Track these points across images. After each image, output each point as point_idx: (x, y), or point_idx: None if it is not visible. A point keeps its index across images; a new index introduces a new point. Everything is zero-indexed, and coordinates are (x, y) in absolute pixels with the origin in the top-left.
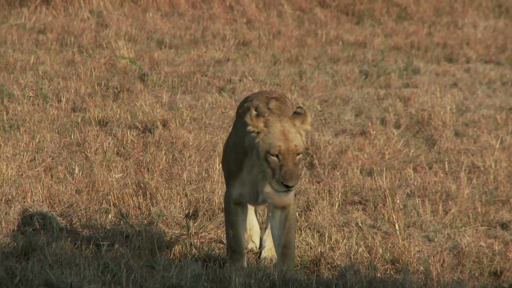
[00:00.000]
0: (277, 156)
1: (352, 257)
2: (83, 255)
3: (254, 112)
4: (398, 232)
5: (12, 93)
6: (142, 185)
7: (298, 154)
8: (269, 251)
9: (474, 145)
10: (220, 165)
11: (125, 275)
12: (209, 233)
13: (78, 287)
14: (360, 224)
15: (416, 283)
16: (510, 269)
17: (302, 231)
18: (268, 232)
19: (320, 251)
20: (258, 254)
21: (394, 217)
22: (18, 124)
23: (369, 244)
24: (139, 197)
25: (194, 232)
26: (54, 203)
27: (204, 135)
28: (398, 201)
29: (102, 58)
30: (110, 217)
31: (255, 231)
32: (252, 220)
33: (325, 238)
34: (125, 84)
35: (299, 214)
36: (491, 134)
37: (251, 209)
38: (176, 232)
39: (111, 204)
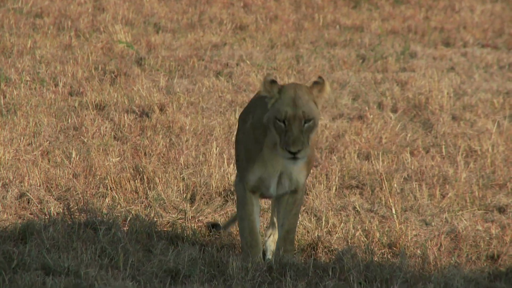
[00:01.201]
0: (283, 122)
1: (349, 241)
2: (80, 239)
3: (270, 78)
4: (395, 216)
5: (9, 77)
6: (139, 169)
7: (306, 121)
8: (273, 253)
9: (471, 129)
10: (233, 156)
11: (122, 259)
12: (206, 217)
13: (75, 271)
14: (357, 208)
15: (413, 267)
16: (507, 253)
17: (300, 215)
18: (272, 238)
19: (317, 235)
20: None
21: (391, 201)
22: (15, 108)
23: (366, 228)
24: (136, 181)
25: (191, 216)
26: (51, 187)
27: (201, 119)
28: (395, 185)
29: (99, 42)
30: (107, 201)
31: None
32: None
33: (322, 222)
34: (122, 68)
35: None
36: (488, 118)
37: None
38: (173, 216)
39: (108, 188)
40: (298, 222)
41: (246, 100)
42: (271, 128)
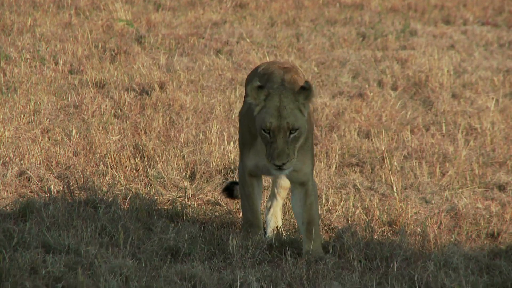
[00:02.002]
0: (268, 132)
1: (349, 219)
2: (81, 217)
3: (256, 84)
4: (395, 194)
5: (9, 55)
6: (140, 147)
7: (292, 132)
8: (273, 231)
9: (471, 107)
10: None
11: (122, 237)
12: (206, 195)
13: (75, 249)
14: (357, 186)
15: (413, 245)
16: (507, 231)
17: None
18: (272, 211)
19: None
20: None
21: (391, 179)
22: (15, 86)
23: (366, 206)
24: (136, 159)
25: (192, 194)
26: (52, 165)
27: (201, 97)
28: (395, 163)
29: (99, 20)
30: (107, 179)
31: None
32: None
33: (322, 200)
34: (122, 46)
35: None
36: (488, 96)
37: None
38: (174, 194)
39: (108, 166)
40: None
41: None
42: (259, 136)
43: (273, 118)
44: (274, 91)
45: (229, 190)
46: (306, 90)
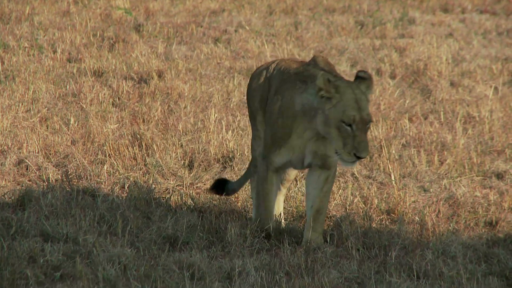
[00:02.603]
0: (349, 125)
1: (347, 207)
2: (79, 205)
3: (327, 77)
4: (393, 182)
5: (7, 44)
6: (138, 136)
7: (368, 123)
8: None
9: (470, 95)
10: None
11: (121, 226)
12: (204, 184)
13: (74, 238)
14: (355, 175)
15: (411, 233)
16: (505, 219)
17: (298, 182)
18: (275, 200)
19: None
20: None
21: (389, 167)
22: (13, 74)
23: (365, 194)
24: (134, 147)
25: (190, 183)
26: (50, 154)
27: (200, 86)
28: (393, 151)
29: (98, 9)
30: (105, 168)
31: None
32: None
33: None
34: (121, 34)
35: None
36: (486, 84)
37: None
38: (172, 182)
39: (107, 155)
40: (295, 188)
41: (244, 67)
42: (331, 130)
43: (355, 111)
44: (342, 83)
45: (217, 188)
46: (365, 80)
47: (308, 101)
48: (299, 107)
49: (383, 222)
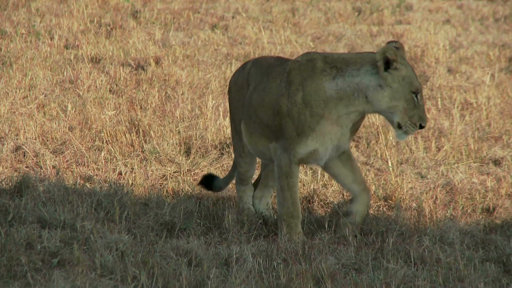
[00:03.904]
0: (416, 95)
1: (344, 194)
2: (76, 192)
3: (393, 45)
4: (391, 169)
5: (5, 30)
6: (135, 123)
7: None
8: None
9: (467, 81)
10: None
11: (118, 212)
12: (202, 170)
13: (71, 224)
14: None
15: (409, 219)
16: (502, 206)
17: None
18: (263, 202)
19: (313, 188)
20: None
21: (387, 154)
22: (10, 61)
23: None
24: (132, 134)
25: (187, 169)
26: (47, 140)
27: (197, 72)
28: (390, 138)
29: None
30: (103, 154)
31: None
32: None
33: (318, 175)
34: (118, 21)
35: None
36: (484, 70)
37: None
38: (169, 169)
39: (104, 141)
40: None
41: (242, 53)
42: (399, 103)
43: (417, 80)
44: (397, 53)
45: (206, 183)
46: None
47: (350, 84)
48: (332, 93)
49: (381, 208)
